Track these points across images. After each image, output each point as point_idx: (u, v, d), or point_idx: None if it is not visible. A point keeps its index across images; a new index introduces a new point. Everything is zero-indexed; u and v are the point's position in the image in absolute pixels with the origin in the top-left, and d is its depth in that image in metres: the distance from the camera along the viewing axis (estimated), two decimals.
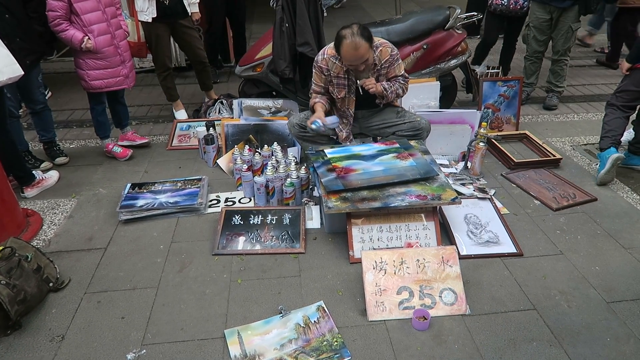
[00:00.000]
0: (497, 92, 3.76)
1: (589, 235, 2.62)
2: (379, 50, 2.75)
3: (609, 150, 3.04)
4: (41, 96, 3.28)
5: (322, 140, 3.06)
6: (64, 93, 4.83)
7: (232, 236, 2.59)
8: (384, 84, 2.82)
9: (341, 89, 2.87)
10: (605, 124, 3.15)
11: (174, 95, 4.14)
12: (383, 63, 2.79)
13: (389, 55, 2.77)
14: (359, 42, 2.55)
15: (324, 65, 2.82)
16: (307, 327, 2.04)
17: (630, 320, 2.07)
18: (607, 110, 3.19)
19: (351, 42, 2.55)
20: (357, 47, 2.56)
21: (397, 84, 2.86)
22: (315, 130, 2.83)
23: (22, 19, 2.92)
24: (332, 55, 2.79)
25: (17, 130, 3.20)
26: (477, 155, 3.11)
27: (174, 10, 3.76)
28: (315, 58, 2.88)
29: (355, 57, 2.60)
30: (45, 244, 2.61)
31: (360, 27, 2.59)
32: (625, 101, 3.09)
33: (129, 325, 2.08)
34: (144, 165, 3.43)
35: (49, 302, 2.20)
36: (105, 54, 3.17)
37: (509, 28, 4.53)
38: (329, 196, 2.44)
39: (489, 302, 2.17)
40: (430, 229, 2.48)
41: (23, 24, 2.92)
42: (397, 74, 2.87)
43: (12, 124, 3.11)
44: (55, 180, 3.20)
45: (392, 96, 2.87)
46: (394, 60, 2.81)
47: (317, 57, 2.87)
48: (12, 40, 2.84)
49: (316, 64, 2.87)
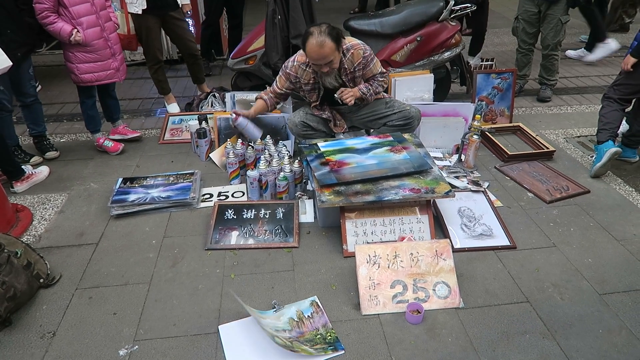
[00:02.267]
0: (490, 84, 3.75)
1: (581, 227, 2.63)
2: (350, 53, 2.73)
3: (606, 143, 3.03)
4: (32, 89, 3.23)
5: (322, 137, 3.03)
6: (54, 86, 4.77)
7: (225, 231, 2.58)
8: (362, 88, 2.82)
9: (312, 94, 2.89)
10: (603, 117, 3.14)
11: (166, 88, 4.10)
12: (356, 66, 2.76)
13: (361, 57, 2.75)
14: (324, 40, 2.52)
15: (293, 72, 2.82)
16: (301, 322, 2.03)
17: (622, 312, 2.08)
18: (603, 103, 3.18)
19: (316, 40, 2.52)
20: (322, 45, 2.53)
21: (375, 82, 2.88)
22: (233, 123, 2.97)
23: (13, 11, 2.88)
24: (302, 62, 2.77)
25: (8, 124, 3.15)
26: (470, 148, 3.11)
27: (165, 2, 3.71)
28: (286, 63, 2.87)
29: (319, 55, 2.57)
30: (36, 240, 2.58)
31: (330, 27, 2.56)
32: (622, 94, 3.08)
33: (121, 321, 2.06)
34: (135, 160, 3.39)
35: (40, 299, 2.18)
36: (95, 46, 3.12)
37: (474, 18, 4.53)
38: (322, 190, 2.43)
39: (482, 295, 2.17)
40: (424, 223, 2.48)
41: (13, 16, 2.88)
42: (374, 73, 2.86)
43: (4, 118, 3.07)
44: (45, 175, 3.16)
45: (372, 97, 2.90)
46: (369, 61, 2.79)
47: (287, 62, 2.86)
48: (2, 32, 2.81)
49: (284, 69, 2.86)
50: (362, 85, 2.85)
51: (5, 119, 3.09)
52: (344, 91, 2.77)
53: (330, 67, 2.66)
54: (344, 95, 2.75)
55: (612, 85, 3.17)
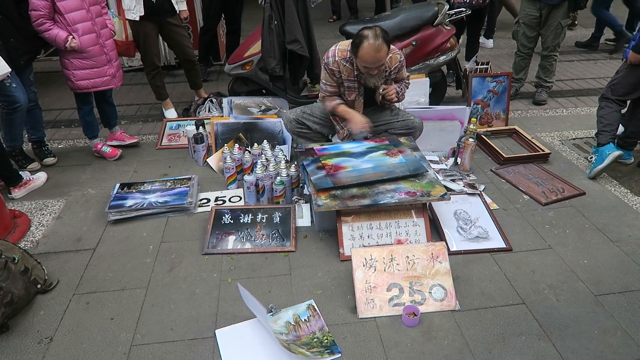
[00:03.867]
0: (486, 87, 3.77)
1: (577, 229, 2.64)
2: (389, 57, 2.75)
3: (608, 145, 3.02)
4: (32, 94, 3.26)
5: (317, 137, 3.05)
6: (52, 93, 4.78)
7: (222, 235, 2.58)
8: (396, 88, 2.89)
9: (352, 92, 2.86)
10: (602, 118, 3.14)
11: (163, 94, 4.11)
12: (392, 69, 2.81)
13: (398, 61, 2.81)
14: (381, 45, 2.53)
15: (336, 68, 2.78)
16: (298, 325, 2.04)
17: (618, 313, 2.09)
18: (602, 104, 3.19)
19: (374, 44, 2.51)
20: (379, 49, 2.53)
21: (402, 85, 2.96)
22: (357, 137, 2.86)
23: (16, 20, 2.92)
24: (342, 58, 2.75)
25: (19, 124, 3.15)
26: (466, 151, 3.12)
27: (162, 8, 3.73)
28: (325, 60, 2.81)
29: (375, 59, 2.57)
30: (33, 246, 2.59)
31: (383, 31, 2.57)
32: (619, 95, 3.08)
33: (118, 326, 2.07)
34: (133, 165, 3.40)
35: (37, 304, 2.18)
36: (91, 53, 3.14)
37: (471, 23, 4.57)
38: (318, 194, 2.44)
39: (478, 298, 2.18)
40: (420, 226, 2.49)
41: (17, 24, 2.92)
42: (403, 77, 2.94)
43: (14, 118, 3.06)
44: (43, 181, 3.17)
45: (402, 97, 2.97)
46: (402, 65, 2.86)
47: (326, 59, 2.80)
48: (6, 41, 2.85)
49: (327, 67, 2.81)
50: (396, 85, 2.92)
51: (16, 118, 3.09)
52: (387, 89, 2.81)
53: (379, 70, 2.68)
54: (390, 92, 2.81)
55: (609, 85, 3.18)
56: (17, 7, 2.92)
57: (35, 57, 3.21)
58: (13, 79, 2.92)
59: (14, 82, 2.94)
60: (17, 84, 2.97)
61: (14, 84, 2.94)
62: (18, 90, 2.97)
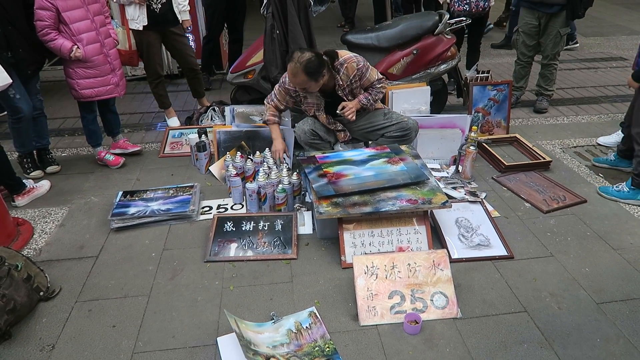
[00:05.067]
0: (487, 96, 3.79)
1: (578, 237, 2.64)
2: (345, 68, 2.80)
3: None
4: (38, 102, 3.30)
5: (326, 147, 3.08)
6: (56, 101, 4.82)
7: (224, 243, 2.59)
8: (362, 100, 2.91)
9: (310, 108, 2.96)
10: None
11: (166, 102, 4.14)
12: (352, 78, 2.84)
13: (355, 69, 2.81)
14: (297, 70, 2.65)
15: (291, 87, 2.89)
16: (299, 333, 2.04)
17: (620, 321, 2.08)
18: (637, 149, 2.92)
19: (292, 67, 2.66)
20: (296, 75, 2.68)
21: (374, 90, 2.95)
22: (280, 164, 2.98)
23: (25, 31, 2.95)
24: None
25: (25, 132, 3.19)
26: (468, 159, 3.13)
27: (165, 18, 3.77)
28: (282, 78, 2.94)
29: (292, 81, 2.75)
30: (36, 253, 2.60)
31: (310, 59, 2.63)
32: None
33: (120, 333, 2.07)
34: (136, 173, 3.42)
35: (40, 311, 2.19)
36: (95, 62, 3.17)
37: (471, 31, 4.60)
38: (320, 202, 2.45)
39: (480, 305, 2.18)
40: (422, 233, 2.50)
41: (26, 35, 2.95)
42: (372, 81, 2.92)
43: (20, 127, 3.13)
44: (46, 189, 3.19)
45: (373, 106, 2.98)
46: (363, 72, 2.85)
47: (284, 77, 2.92)
48: (15, 51, 2.88)
49: (283, 84, 2.93)
50: (362, 96, 2.92)
51: (22, 127, 3.13)
52: (345, 108, 2.85)
53: (306, 91, 2.79)
54: (346, 113, 2.85)
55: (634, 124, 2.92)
56: (27, 18, 2.96)
57: (42, 66, 3.25)
58: (17, 90, 2.96)
59: (18, 93, 2.98)
60: (21, 94, 3.01)
61: (18, 95, 2.98)
62: (22, 101, 3.01)
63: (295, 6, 3.44)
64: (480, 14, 4.36)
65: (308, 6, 3.54)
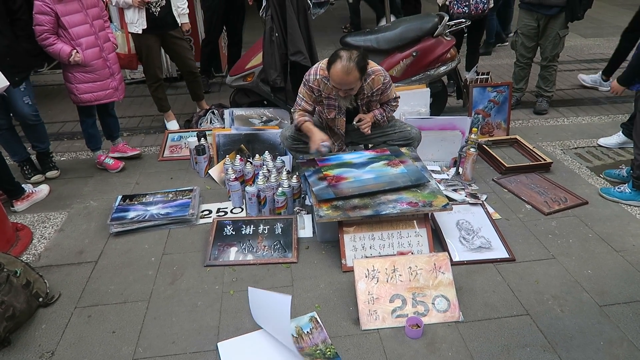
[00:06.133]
0: (486, 97, 3.78)
1: (580, 239, 2.63)
2: (371, 79, 2.72)
3: None
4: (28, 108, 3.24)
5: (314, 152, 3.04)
6: (55, 105, 4.81)
7: (224, 247, 2.58)
8: (377, 115, 2.85)
9: (331, 110, 2.84)
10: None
11: (165, 106, 4.14)
12: (375, 91, 2.77)
13: (381, 83, 2.75)
14: (351, 68, 2.50)
15: (316, 86, 2.78)
16: (300, 338, 2.03)
17: (623, 324, 2.07)
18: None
19: (344, 66, 2.50)
20: (349, 72, 2.52)
21: (388, 108, 2.92)
22: (322, 153, 2.77)
23: (11, 39, 2.92)
24: (324, 76, 2.74)
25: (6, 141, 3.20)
26: (468, 161, 3.12)
27: (164, 21, 3.76)
28: (307, 77, 2.81)
29: (343, 81, 2.56)
30: (36, 259, 2.58)
31: (360, 56, 2.55)
32: None
33: (120, 339, 2.06)
34: (135, 177, 3.41)
35: (39, 318, 2.18)
36: (94, 67, 3.16)
37: (471, 33, 4.59)
38: (320, 205, 2.44)
39: (482, 309, 2.17)
40: (423, 236, 2.48)
41: (12, 43, 2.92)
42: (389, 99, 2.89)
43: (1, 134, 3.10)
44: (45, 193, 3.18)
45: (385, 123, 2.93)
46: (387, 87, 2.80)
47: (308, 75, 2.80)
48: (2, 60, 2.84)
49: (307, 83, 2.80)
50: (377, 111, 2.87)
51: (3, 138, 3.13)
52: (362, 120, 2.80)
53: (348, 93, 2.67)
54: (363, 126, 2.79)
55: None
56: (12, 25, 2.92)
57: (30, 73, 3.20)
58: None
59: None
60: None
61: None
62: None
63: (295, 9, 3.44)
64: (480, 16, 4.36)
65: (307, 9, 3.54)
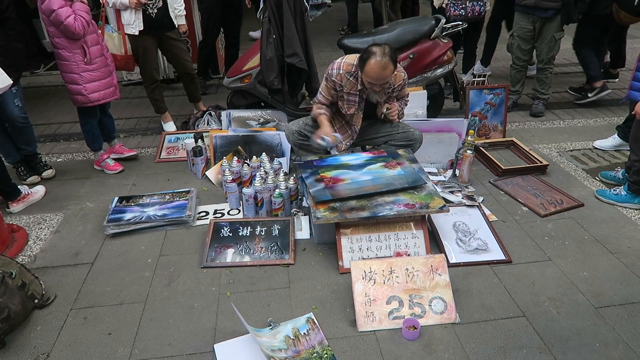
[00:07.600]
0: (483, 100, 3.79)
1: (576, 241, 2.64)
2: (394, 75, 2.76)
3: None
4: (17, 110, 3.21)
5: (318, 150, 3.06)
6: (51, 107, 4.79)
7: (220, 248, 2.58)
8: (398, 106, 2.94)
9: (351, 106, 2.87)
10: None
11: (162, 107, 4.13)
12: (396, 87, 2.85)
13: (402, 80, 2.85)
14: (387, 63, 2.55)
15: (338, 80, 2.80)
16: (297, 339, 2.02)
17: (619, 325, 2.08)
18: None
19: (380, 62, 2.54)
20: (385, 67, 2.56)
21: (402, 103, 3.01)
22: (320, 146, 2.81)
23: (3, 38, 2.90)
24: (347, 71, 2.77)
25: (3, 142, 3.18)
26: (465, 163, 3.13)
27: (161, 22, 3.76)
28: (329, 71, 2.83)
29: (380, 76, 2.60)
30: (31, 260, 2.57)
31: (392, 50, 2.60)
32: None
33: (116, 341, 2.05)
34: (131, 178, 3.40)
35: (34, 319, 2.16)
36: (99, 64, 3.19)
37: (467, 36, 4.61)
38: (317, 206, 2.44)
39: (478, 310, 2.17)
40: (419, 238, 2.49)
41: (5, 43, 2.90)
42: (404, 95, 3.00)
43: None
44: (41, 194, 3.16)
45: (402, 116, 3.03)
46: (405, 83, 2.91)
47: (330, 70, 2.82)
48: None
49: (329, 77, 2.83)
50: (397, 103, 2.96)
51: None
52: (391, 108, 2.87)
53: (383, 87, 2.71)
54: (392, 112, 2.87)
55: None
56: (1, 25, 2.90)
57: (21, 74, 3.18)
58: None
59: None
60: None
61: None
62: None
63: (292, 11, 3.45)
64: (477, 19, 4.38)
65: (304, 11, 3.55)
